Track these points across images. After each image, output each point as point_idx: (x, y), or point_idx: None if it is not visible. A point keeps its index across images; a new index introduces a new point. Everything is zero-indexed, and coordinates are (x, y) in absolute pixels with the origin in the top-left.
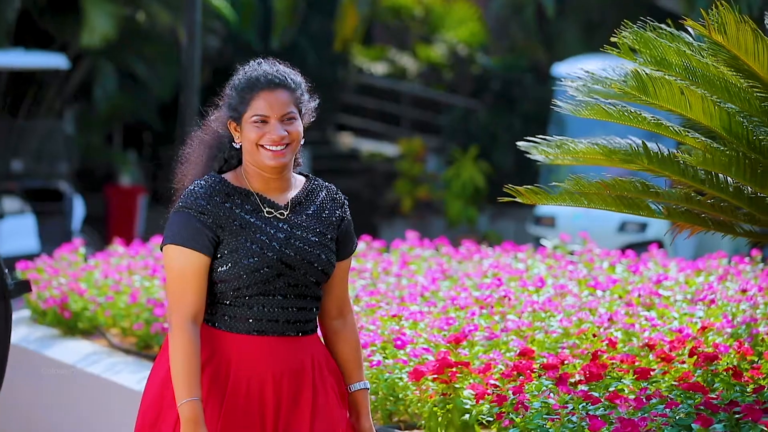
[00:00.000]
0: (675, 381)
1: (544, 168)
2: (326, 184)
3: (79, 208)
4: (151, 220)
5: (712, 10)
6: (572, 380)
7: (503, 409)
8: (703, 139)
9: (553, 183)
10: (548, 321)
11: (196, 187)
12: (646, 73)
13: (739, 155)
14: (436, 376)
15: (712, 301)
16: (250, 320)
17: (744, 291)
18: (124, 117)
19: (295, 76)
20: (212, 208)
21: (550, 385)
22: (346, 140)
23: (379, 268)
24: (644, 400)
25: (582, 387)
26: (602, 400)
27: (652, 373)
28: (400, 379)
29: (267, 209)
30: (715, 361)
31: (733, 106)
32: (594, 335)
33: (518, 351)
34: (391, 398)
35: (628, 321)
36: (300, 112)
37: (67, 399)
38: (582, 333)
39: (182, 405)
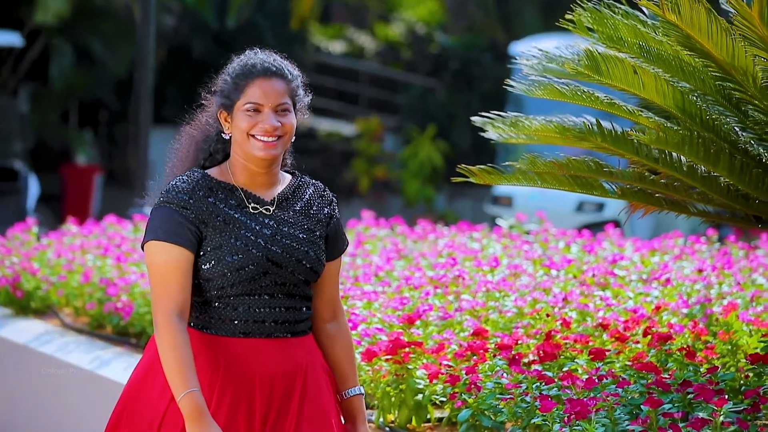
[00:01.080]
0: (629, 361)
1: (501, 147)
2: (313, 181)
3: (33, 187)
4: (107, 199)
5: None
6: (526, 360)
7: (456, 389)
8: (657, 118)
9: (507, 162)
10: (502, 301)
11: (177, 182)
12: (600, 52)
13: (692, 134)
14: (389, 356)
15: (667, 281)
16: (236, 321)
17: (700, 271)
18: (80, 95)
19: (292, 68)
20: (195, 202)
21: (503, 365)
22: (303, 119)
23: None
24: (596, 380)
25: (536, 367)
26: (555, 380)
27: (606, 353)
28: None
29: (252, 205)
30: (669, 341)
31: (687, 86)
32: (548, 315)
33: (472, 331)
34: None
35: (583, 301)
36: (294, 105)
37: (19, 378)
38: (536, 313)
39: (182, 399)
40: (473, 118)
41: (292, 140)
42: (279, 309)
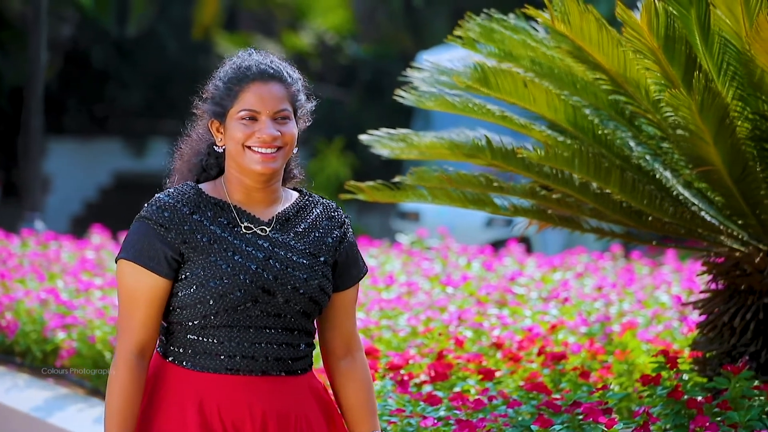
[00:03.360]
0: (522, 381)
1: (410, 162)
2: (323, 199)
3: None
4: (4, 214)
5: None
6: (417, 380)
7: None
8: (551, 132)
9: (396, 178)
10: (396, 319)
11: (162, 195)
12: (490, 66)
13: (582, 150)
14: None
15: (566, 299)
16: (222, 356)
17: (599, 288)
18: None
19: (292, 71)
20: (176, 220)
21: (390, 387)
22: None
23: None
24: (485, 401)
25: (427, 387)
26: (444, 400)
27: (498, 373)
28: None
29: (246, 224)
30: (562, 361)
31: (580, 100)
32: (440, 334)
33: None
34: None
35: (478, 319)
36: (295, 112)
37: None
38: (429, 332)
39: None
40: (361, 137)
41: (295, 152)
42: (272, 345)
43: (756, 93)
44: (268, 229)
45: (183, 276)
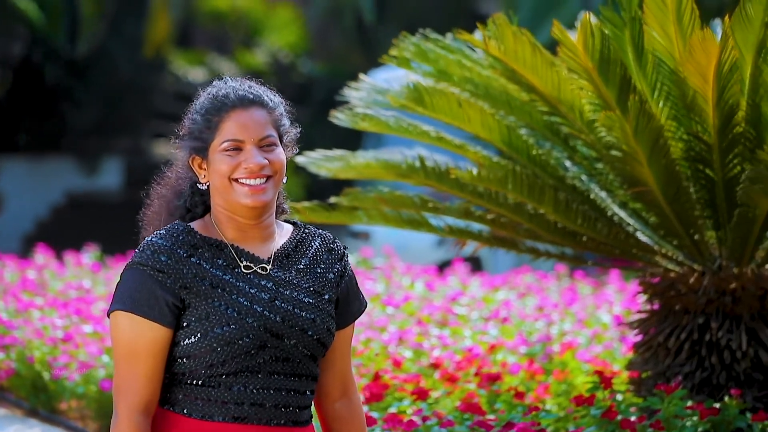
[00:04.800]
0: (459, 401)
1: (362, 181)
2: (320, 231)
3: None
4: None
5: (489, 22)
6: None
7: None
8: (486, 153)
9: (331, 199)
10: None
11: (154, 238)
12: (426, 85)
13: (516, 170)
14: None
15: (505, 319)
16: (229, 404)
17: (541, 308)
18: None
19: (272, 95)
20: (174, 264)
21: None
22: (163, 149)
23: None
24: (419, 421)
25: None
26: (378, 420)
27: (436, 393)
28: None
29: (245, 263)
30: (498, 381)
31: (515, 120)
32: (376, 354)
33: None
34: None
35: (418, 339)
36: (281, 138)
37: None
38: (367, 351)
39: None
40: (297, 159)
41: (284, 182)
42: (281, 391)
43: (689, 114)
44: (269, 268)
45: (185, 324)
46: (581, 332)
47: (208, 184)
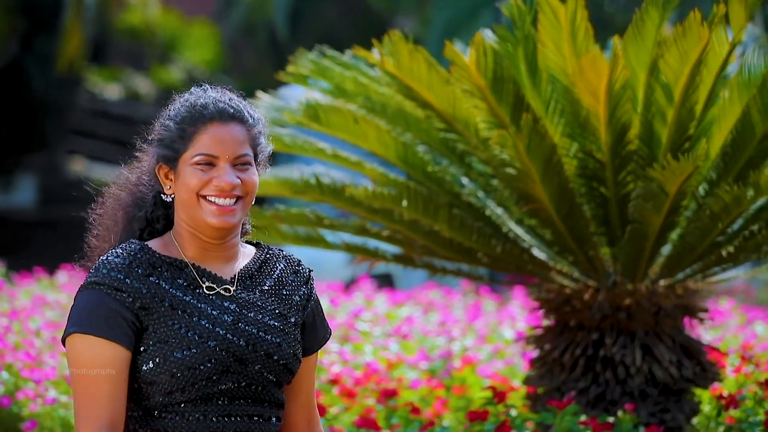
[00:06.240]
0: (357, 417)
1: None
2: (285, 253)
3: None
4: None
5: (384, 39)
6: None
7: None
8: (383, 169)
9: None
10: None
11: (110, 257)
12: (323, 102)
13: (410, 187)
14: None
15: (405, 335)
16: None
17: (443, 324)
18: None
19: (252, 110)
20: (132, 282)
21: None
22: (78, 166)
23: None
24: None
25: None
26: None
27: (334, 409)
28: None
29: (207, 284)
30: (395, 397)
31: (412, 137)
32: None
33: None
34: None
35: (318, 356)
36: (256, 157)
37: None
38: None
39: None
40: None
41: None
42: (243, 417)
43: (583, 132)
44: (232, 289)
45: (142, 348)
46: (482, 348)
47: (173, 196)
